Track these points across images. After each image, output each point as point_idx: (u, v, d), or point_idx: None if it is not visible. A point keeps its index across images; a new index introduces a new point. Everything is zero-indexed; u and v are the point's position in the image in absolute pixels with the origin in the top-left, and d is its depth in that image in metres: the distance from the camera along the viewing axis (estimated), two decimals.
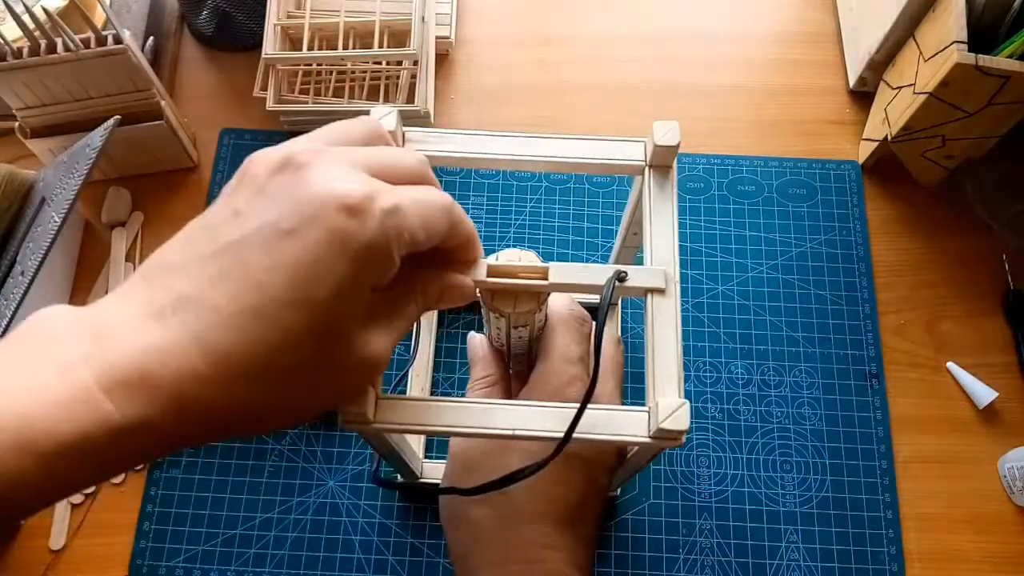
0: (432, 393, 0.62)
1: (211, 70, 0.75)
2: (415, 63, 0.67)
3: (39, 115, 0.62)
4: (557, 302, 0.46)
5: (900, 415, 0.62)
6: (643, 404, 0.36)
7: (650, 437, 0.35)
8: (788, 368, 0.63)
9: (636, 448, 0.41)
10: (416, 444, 0.59)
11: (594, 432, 0.36)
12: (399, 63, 0.70)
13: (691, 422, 0.35)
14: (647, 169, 0.42)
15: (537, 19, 0.77)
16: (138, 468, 0.59)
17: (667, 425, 0.34)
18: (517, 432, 0.36)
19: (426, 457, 0.60)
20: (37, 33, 0.57)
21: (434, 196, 0.32)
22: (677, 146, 0.41)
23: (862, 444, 0.61)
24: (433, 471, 0.57)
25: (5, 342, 0.26)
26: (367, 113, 0.40)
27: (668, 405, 0.34)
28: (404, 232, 0.29)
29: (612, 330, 0.45)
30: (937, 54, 0.58)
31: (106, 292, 0.64)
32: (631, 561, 0.57)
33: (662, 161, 0.42)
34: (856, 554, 0.57)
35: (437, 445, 0.61)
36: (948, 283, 0.66)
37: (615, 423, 0.36)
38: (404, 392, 0.59)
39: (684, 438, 0.35)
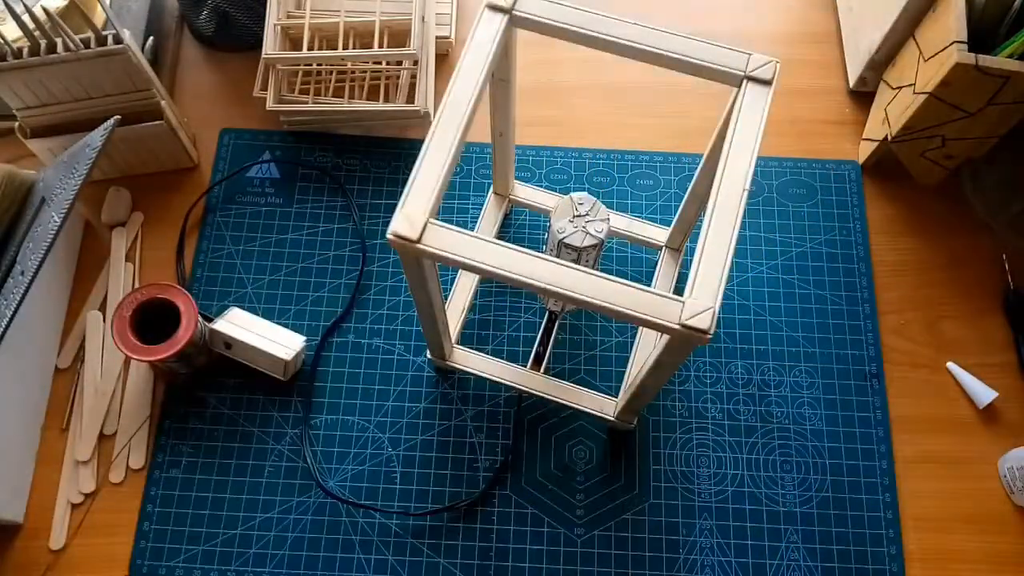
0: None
1: (211, 70, 0.75)
2: (415, 63, 0.67)
3: (39, 115, 0.62)
4: None
5: (900, 415, 0.62)
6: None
7: (679, 325, 0.37)
8: (788, 368, 0.63)
9: (667, 339, 0.42)
10: (454, 322, 0.61)
11: (633, 309, 0.38)
12: (399, 63, 0.70)
13: (719, 328, 0.39)
14: (744, 81, 0.43)
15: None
16: (138, 467, 0.59)
17: (691, 323, 0.37)
18: (549, 287, 0.38)
19: (458, 345, 0.61)
20: (37, 33, 0.57)
21: None
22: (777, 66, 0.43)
23: (862, 444, 0.61)
24: (463, 359, 0.60)
25: None
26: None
27: (696, 306, 0.37)
28: None
29: None
30: (937, 54, 0.58)
31: (105, 292, 0.64)
32: (631, 561, 0.57)
33: (763, 76, 0.43)
34: (856, 554, 0.57)
35: (477, 337, 0.62)
36: (948, 283, 0.66)
37: (653, 306, 0.38)
38: None
39: (709, 337, 0.37)
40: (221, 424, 0.61)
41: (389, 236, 0.39)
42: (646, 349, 0.61)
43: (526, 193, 0.66)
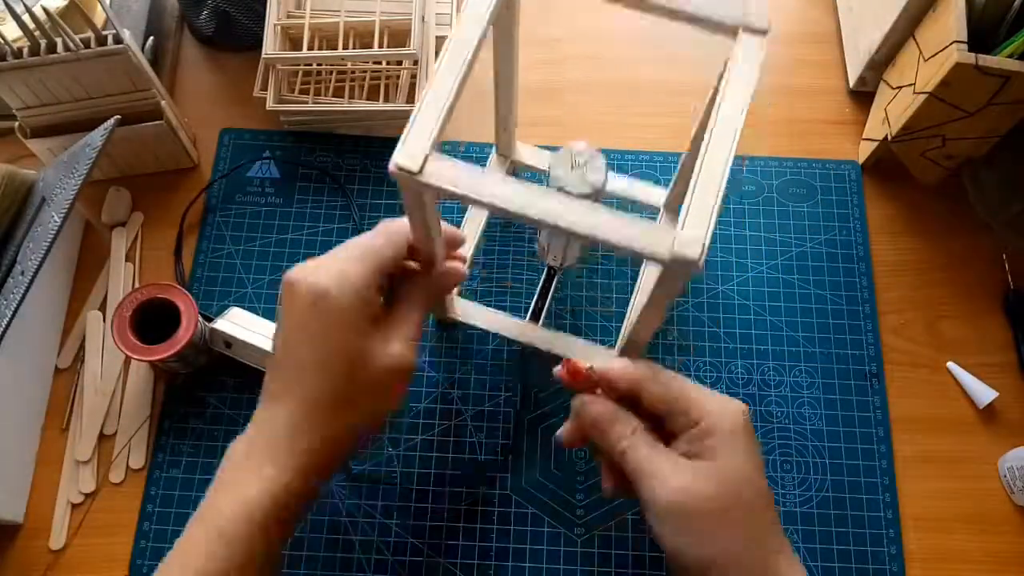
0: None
1: (211, 70, 0.75)
2: (415, 63, 0.67)
3: (39, 115, 0.62)
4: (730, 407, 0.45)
5: (900, 415, 0.62)
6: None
7: (670, 255, 0.38)
8: (788, 368, 0.63)
9: (659, 272, 0.42)
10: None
11: (626, 240, 0.38)
12: (399, 63, 0.70)
13: (706, 258, 0.38)
14: (740, 31, 0.43)
15: (537, 19, 0.77)
16: (138, 467, 0.59)
17: (681, 253, 0.38)
18: (546, 219, 0.39)
19: (460, 295, 0.63)
20: (37, 33, 0.57)
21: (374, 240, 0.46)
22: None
23: (862, 444, 0.61)
24: (465, 310, 0.61)
25: (221, 475, 0.44)
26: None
27: (687, 236, 0.38)
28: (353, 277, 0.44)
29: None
30: (937, 54, 0.58)
31: (105, 292, 0.64)
32: (631, 561, 0.57)
33: (758, 26, 0.43)
34: (856, 554, 0.57)
35: (479, 293, 0.64)
36: (948, 283, 0.66)
37: (646, 236, 0.39)
38: None
39: (700, 267, 0.38)
40: (221, 424, 0.61)
41: (391, 168, 0.40)
42: (645, 297, 0.62)
43: (529, 154, 0.67)
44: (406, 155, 0.40)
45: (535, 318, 0.62)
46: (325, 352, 0.43)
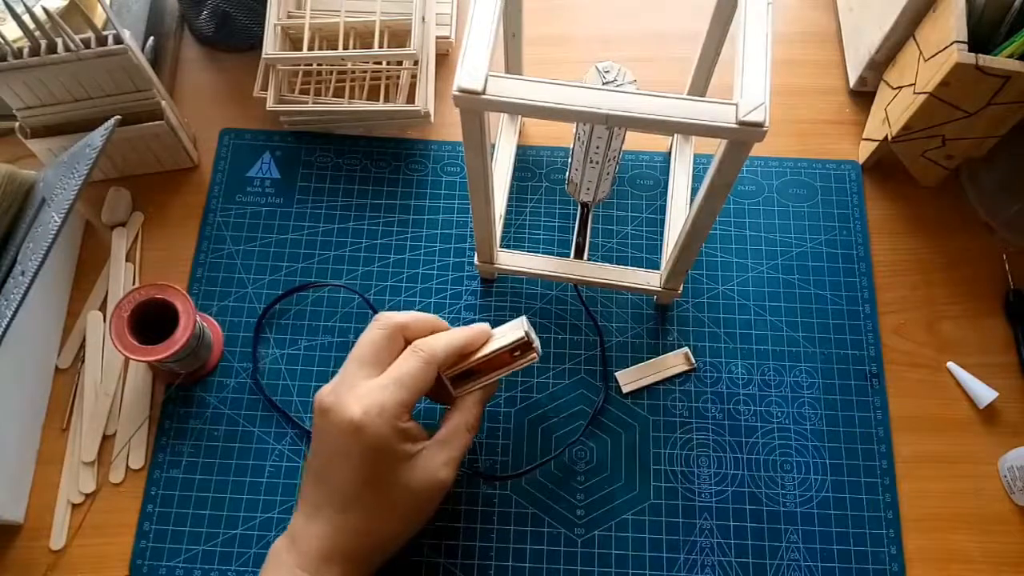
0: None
1: (211, 70, 0.75)
2: (415, 63, 0.67)
3: (39, 115, 0.62)
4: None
5: (900, 415, 0.62)
6: None
7: (737, 124, 0.39)
8: (788, 368, 0.63)
9: (723, 148, 0.42)
10: (498, 220, 0.63)
11: (689, 118, 0.39)
12: (399, 63, 0.70)
13: (767, 121, 0.39)
14: None
15: (537, 19, 0.77)
16: (138, 467, 0.59)
17: (747, 119, 0.38)
18: (613, 113, 0.39)
19: (502, 247, 0.64)
20: (37, 33, 0.57)
21: (416, 366, 0.49)
22: None
23: (862, 444, 0.61)
24: (508, 259, 0.62)
25: (264, 570, 0.48)
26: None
27: (748, 104, 0.39)
28: (400, 410, 0.47)
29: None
30: (937, 54, 0.58)
31: (106, 292, 0.64)
32: (631, 561, 0.57)
33: None
34: (856, 554, 0.57)
35: (514, 239, 0.66)
36: (948, 283, 0.66)
37: (707, 112, 0.39)
38: None
39: (765, 132, 0.39)
40: (221, 424, 0.61)
41: (455, 93, 0.40)
42: (679, 215, 0.64)
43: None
44: (467, 75, 0.40)
45: (579, 254, 0.63)
46: (363, 478, 0.46)
